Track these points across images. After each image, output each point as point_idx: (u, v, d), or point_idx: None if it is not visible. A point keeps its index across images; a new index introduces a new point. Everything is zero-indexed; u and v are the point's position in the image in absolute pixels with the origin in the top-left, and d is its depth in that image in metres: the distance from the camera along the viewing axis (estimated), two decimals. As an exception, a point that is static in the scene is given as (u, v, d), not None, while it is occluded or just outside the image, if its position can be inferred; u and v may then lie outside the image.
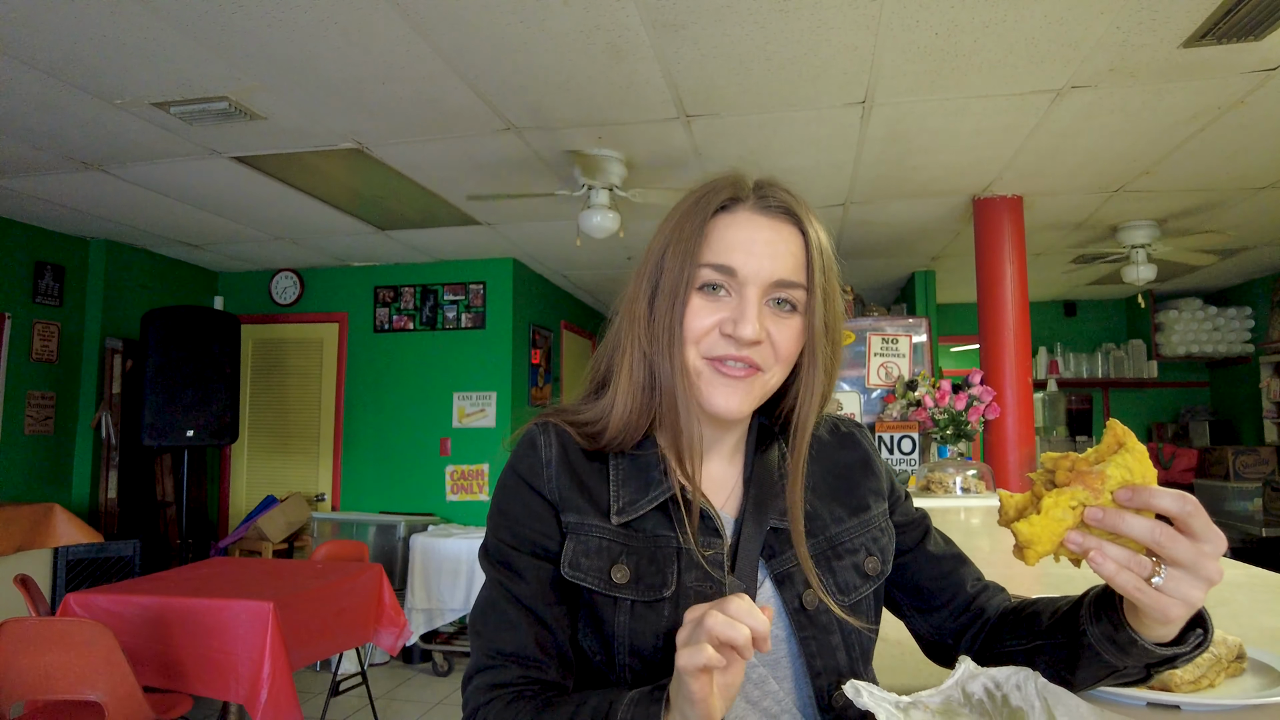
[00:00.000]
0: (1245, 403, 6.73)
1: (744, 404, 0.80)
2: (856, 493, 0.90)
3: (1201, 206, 4.43)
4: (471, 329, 5.56)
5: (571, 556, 0.78)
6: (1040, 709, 0.73)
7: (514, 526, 0.81)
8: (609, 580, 0.78)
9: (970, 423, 3.99)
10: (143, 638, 2.97)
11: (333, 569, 3.64)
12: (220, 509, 5.90)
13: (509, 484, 0.83)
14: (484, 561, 0.82)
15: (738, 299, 0.79)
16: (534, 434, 0.84)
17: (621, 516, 0.80)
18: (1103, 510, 0.64)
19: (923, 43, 2.57)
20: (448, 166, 3.73)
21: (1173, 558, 0.62)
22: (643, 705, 0.66)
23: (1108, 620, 0.72)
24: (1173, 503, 0.62)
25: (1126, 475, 0.65)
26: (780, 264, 0.79)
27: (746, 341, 0.77)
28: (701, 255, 0.80)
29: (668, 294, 0.80)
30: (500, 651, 0.77)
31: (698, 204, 0.82)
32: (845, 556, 0.85)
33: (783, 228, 0.81)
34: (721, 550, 0.81)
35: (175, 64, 2.69)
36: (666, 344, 0.80)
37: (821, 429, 0.94)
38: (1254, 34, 2.50)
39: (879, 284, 6.76)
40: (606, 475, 0.83)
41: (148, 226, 4.74)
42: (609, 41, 2.55)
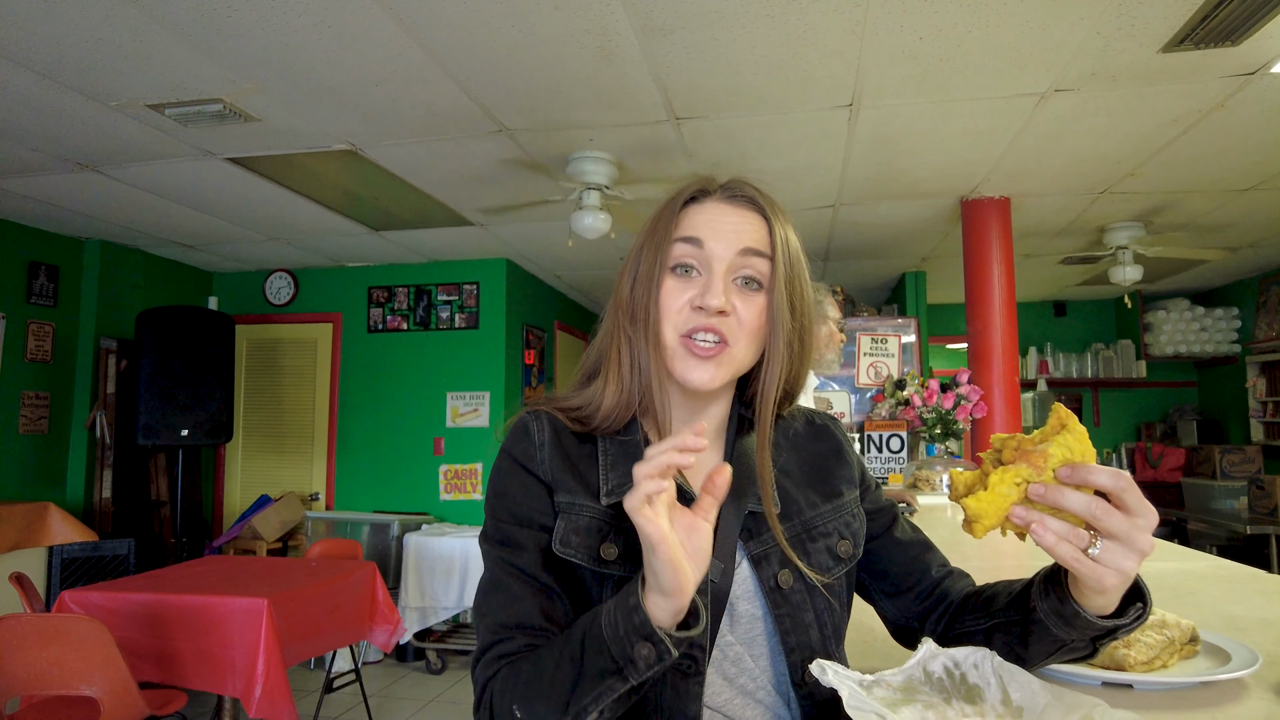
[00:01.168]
0: (1232, 402, 6.80)
1: (715, 376, 0.84)
2: (830, 480, 0.95)
3: (1186, 208, 4.48)
4: (465, 329, 5.59)
5: (563, 534, 0.82)
6: (995, 685, 0.77)
7: (511, 506, 0.85)
8: (598, 557, 0.82)
9: (958, 421, 4.04)
10: (138, 634, 3.00)
11: (327, 567, 3.67)
12: (214, 508, 5.92)
13: (504, 467, 0.87)
14: (484, 545, 0.86)
15: (706, 275, 0.85)
16: (526, 420, 0.89)
17: (610, 498, 0.84)
18: (1044, 486, 0.68)
19: (907, 47, 2.61)
20: (440, 168, 3.76)
21: (1108, 530, 0.67)
22: (622, 595, 0.71)
23: (1054, 595, 0.77)
24: (1108, 479, 0.67)
25: (1067, 454, 0.70)
26: (745, 238, 0.85)
27: (713, 310, 0.82)
28: (671, 235, 0.86)
29: (644, 279, 0.86)
30: (505, 624, 0.80)
31: (669, 202, 0.89)
32: (819, 539, 0.90)
33: (748, 214, 0.88)
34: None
35: (170, 66, 2.72)
36: (644, 324, 0.86)
37: (797, 422, 0.99)
38: (1231, 39, 2.55)
39: (869, 285, 6.81)
40: (596, 458, 0.87)
41: (142, 227, 4.76)
42: (599, 45, 2.59)
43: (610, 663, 0.68)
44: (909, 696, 0.78)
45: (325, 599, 3.37)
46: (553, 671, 0.71)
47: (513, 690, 0.73)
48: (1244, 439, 6.57)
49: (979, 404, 4.03)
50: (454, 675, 4.79)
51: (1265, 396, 6.33)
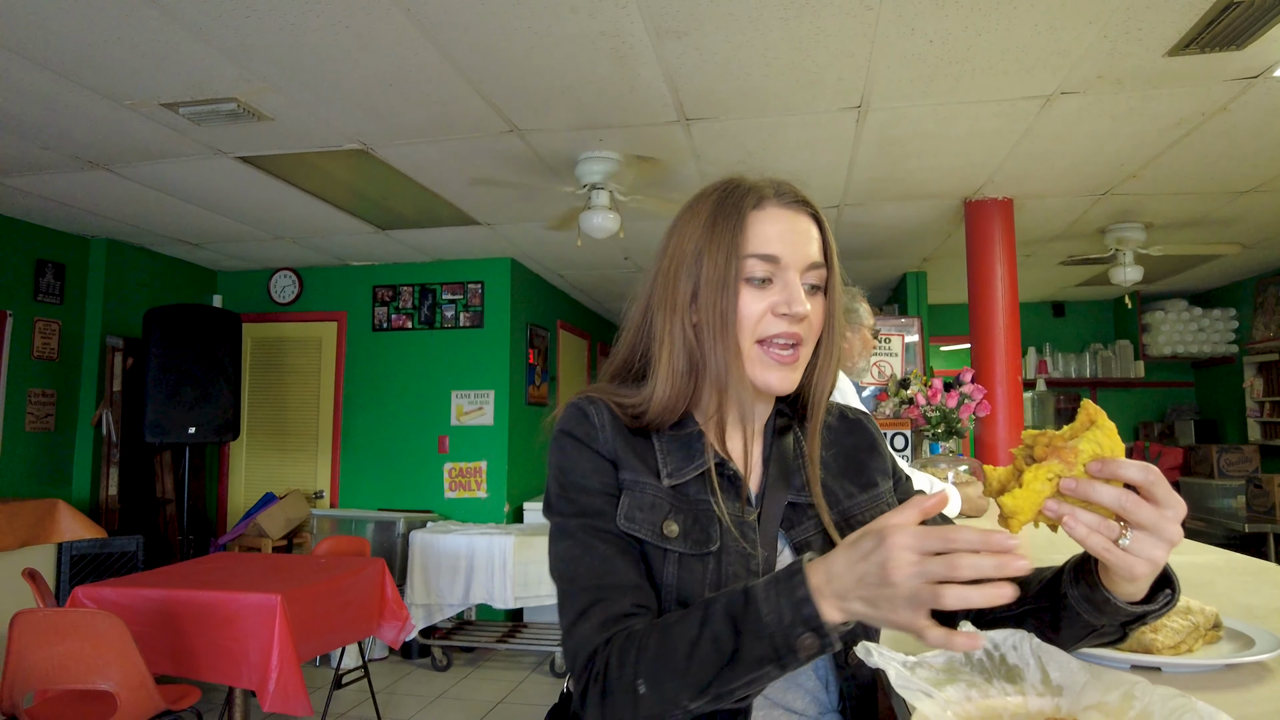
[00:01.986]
0: (1229, 402, 6.86)
1: (793, 380, 0.91)
2: (865, 471, 1.00)
3: (1186, 210, 4.53)
4: (469, 328, 5.62)
5: (627, 509, 0.87)
6: (1034, 665, 0.80)
7: (583, 479, 0.89)
8: (660, 533, 0.86)
9: (961, 420, 4.08)
10: (151, 629, 3.02)
11: (336, 563, 3.70)
12: (219, 506, 5.94)
13: (568, 447, 0.91)
14: (557, 518, 0.89)
15: (781, 284, 0.90)
16: (583, 405, 0.92)
17: (671, 480, 0.89)
18: (1076, 481, 0.71)
19: (918, 50, 2.65)
20: (450, 168, 3.79)
21: (1138, 521, 0.70)
22: (783, 584, 0.72)
23: (1085, 582, 0.80)
24: (1138, 473, 0.70)
25: (1097, 449, 0.73)
26: (811, 248, 0.92)
27: (800, 317, 0.89)
28: (744, 248, 0.90)
29: (715, 287, 0.89)
30: (604, 585, 0.82)
31: (726, 204, 0.92)
32: (857, 527, 0.93)
33: (803, 219, 0.93)
34: (753, 516, 0.91)
35: (187, 66, 2.75)
36: (719, 331, 0.89)
37: (831, 416, 1.04)
38: (1236, 44, 2.59)
39: (872, 284, 6.85)
40: (652, 446, 0.92)
41: (149, 225, 4.78)
42: (613, 47, 2.62)
43: (770, 650, 0.70)
44: (951, 676, 0.81)
45: (336, 595, 3.40)
46: (689, 651, 0.73)
47: (637, 664, 0.75)
48: (1241, 438, 6.63)
49: (982, 403, 4.07)
50: (459, 672, 4.81)
51: (1262, 396, 6.39)
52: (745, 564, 0.88)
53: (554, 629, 5.09)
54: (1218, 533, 5.70)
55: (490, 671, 4.84)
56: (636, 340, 0.98)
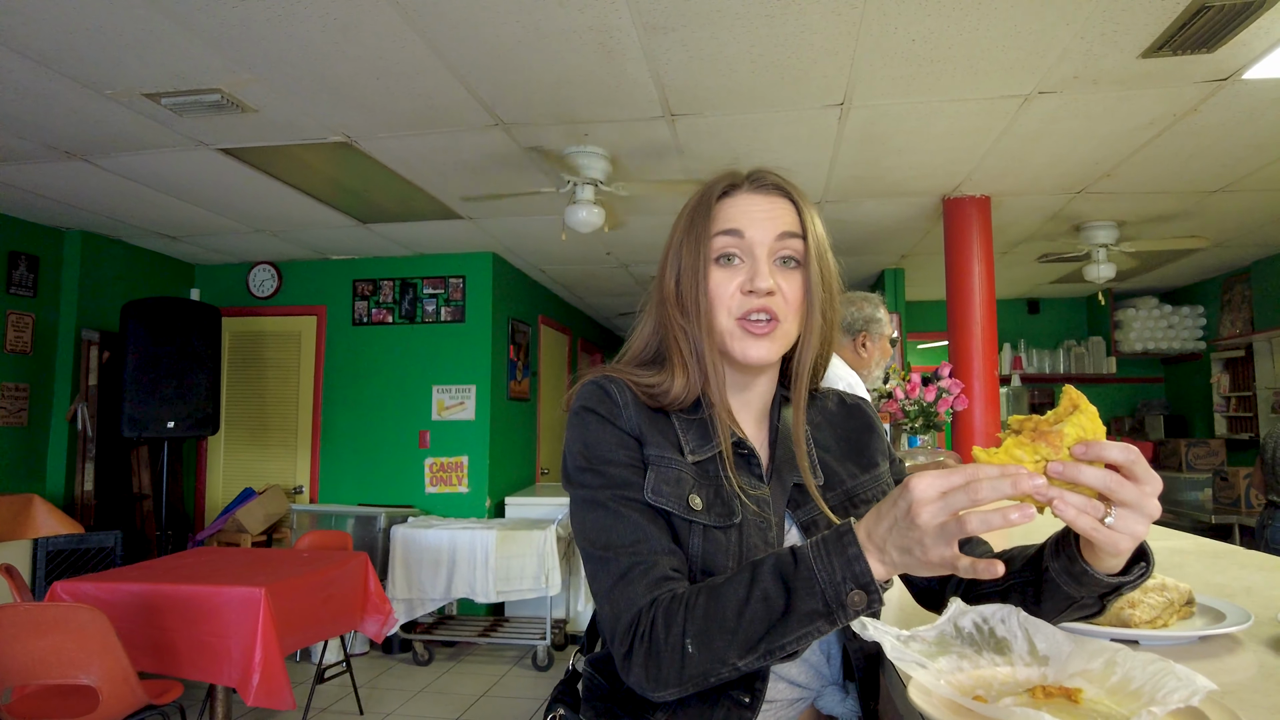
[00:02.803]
0: (1197, 397, 7.02)
1: (771, 350, 0.94)
2: (866, 452, 1.05)
3: (1158, 208, 4.63)
4: (451, 322, 5.61)
5: (654, 484, 0.90)
6: (1022, 637, 0.84)
7: (609, 452, 0.92)
8: (687, 506, 0.90)
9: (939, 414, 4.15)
10: (132, 624, 3.00)
11: (319, 557, 3.68)
12: (196, 502, 5.88)
13: (591, 422, 0.93)
14: (584, 490, 0.91)
15: (750, 261, 0.94)
16: (603, 383, 0.96)
17: (695, 455, 0.93)
18: (1063, 464, 0.74)
19: (900, 47, 2.70)
20: (434, 161, 3.78)
21: (1121, 499, 0.73)
22: (832, 542, 0.76)
23: (1065, 556, 0.84)
24: (1119, 453, 0.74)
25: (1081, 433, 0.77)
26: (780, 222, 0.95)
27: (764, 291, 0.92)
28: (712, 229, 0.95)
29: (690, 273, 0.95)
30: (641, 550, 0.85)
31: (702, 199, 0.98)
32: (860, 506, 0.99)
33: (778, 200, 0.97)
34: (766, 494, 0.95)
35: (170, 56, 2.73)
36: (697, 314, 0.94)
37: (830, 401, 1.09)
38: (1207, 46, 2.66)
39: (850, 282, 6.77)
40: (672, 424, 0.96)
41: (125, 218, 4.72)
42: (600, 41, 2.64)
43: (822, 605, 0.75)
44: (943, 649, 0.85)
45: (319, 589, 3.39)
46: (739, 610, 0.77)
47: (686, 623, 0.78)
48: (1208, 433, 6.79)
49: (960, 397, 4.13)
50: (441, 666, 4.81)
51: (1228, 392, 6.55)
52: (764, 536, 0.92)
53: (536, 622, 5.10)
54: (1185, 524, 5.83)
55: (472, 666, 4.85)
56: (649, 332, 1.02)
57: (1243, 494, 5.33)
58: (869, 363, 2.64)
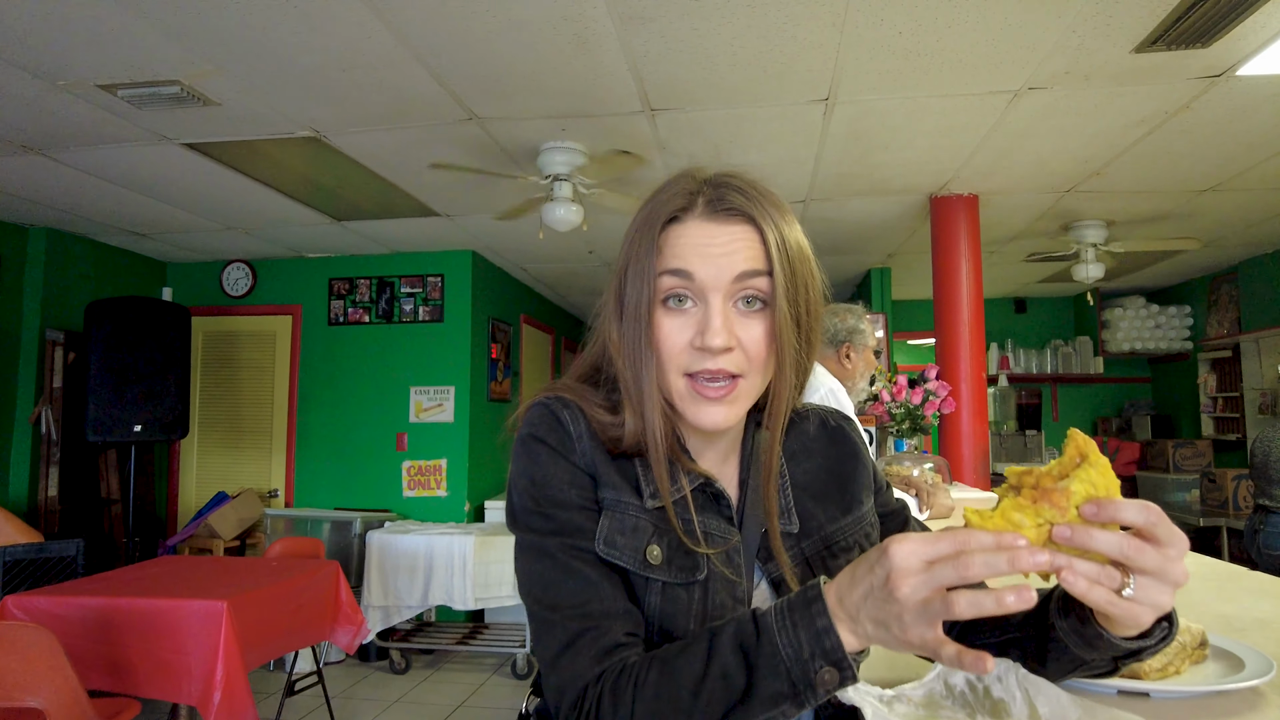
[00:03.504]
0: (1184, 398, 6.98)
1: (730, 416, 0.80)
2: (849, 489, 0.91)
3: (1147, 208, 4.57)
4: (429, 322, 5.48)
5: (607, 533, 0.78)
6: (1021, 699, 0.74)
7: (560, 493, 0.79)
8: (644, 560, 0.78)
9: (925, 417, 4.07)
10: (88, 640, 2.87)
11: (288, 566, 3.56)
12: (169, 506, 5.73)
13: (541, 454, 0.81)
14: (530, 535, 0.79)
15: (703, 307, 0.78)
16: (555, 409, 0.82)
17: (655, 501, 0.80)
18: (1071, 528, 0.64)
19: (886, 41, 2.60)
20: (408, 157, 3.66)
21: (1141, 566, 0.63)
22: (797, 612, 0.66)
23: (1075, 615, 0.73)
24: (1137, 513, 0.63)
25: (1090, 490, 0.66)
26: (738, 259, 0.78)
27: (717, 350, 0.77)
28: (658, 265, 0.79)
29: (632, 314, 0.80)
30: (591, 612, 0.74)
31: (649, 216, 0.82)
32: (840, 555, 0.86)
33: (737, 229, 0.79)
34: (737, 540, 0.83)
35: (124, 45, 2.59)
36: (642, 366, 0.80)
37: (810, 423, 0.95)
38: (1202, 41, 2.58)
39: (836, 281, 6.84)
40: (632, 461, 0.83)
41: (92, 215, 4.57)
42: (575, 32, 2.52)
43: (787, 686, 0.64)
44: (932, 712, 0.75)
45: (287, 600, 3.27)
46: (695, 688, 0.66)
47: (635, 702, 0.68)
48: (1195, 434, 6.76)
49: (947, 399, 4.05)
50: (418, 675, 4.70)
51: (1215, 392, 6.51)
52: (732, 592, 0.81)
53: (516, 629, 4.99)
54: (1173, 527, 5.79)
55: (450, 674, 4.73)
56: (599, 352, 0.89)
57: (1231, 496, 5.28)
58: (853, 374, 2.55)
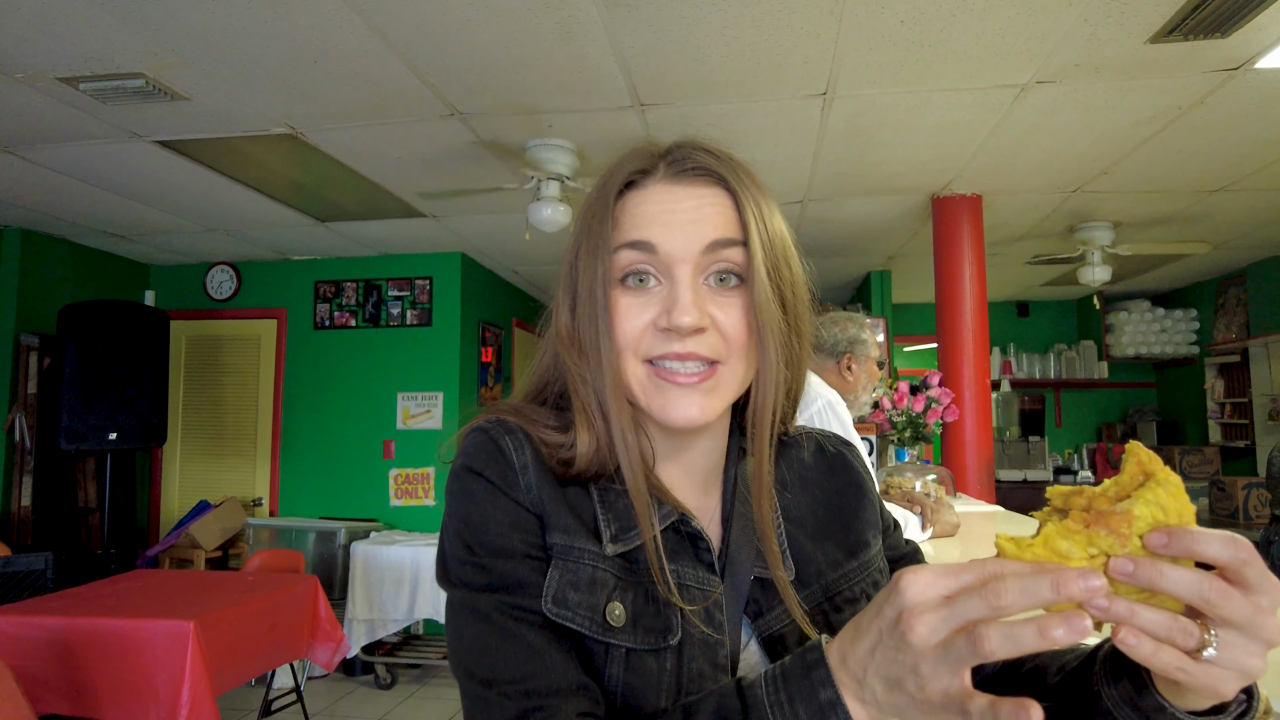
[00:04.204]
0: (1190, 403, 6.84)
1: (706, 409, 0.66)
2: (853, 527, 0.77)
3: (1155, 209, 4.43)
4: (417, 326, 5.34)
5: (558, 588, 0.63)
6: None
7: (499, 538, 0.65)
8: (603, 621, 0.63)
9: (928, 425, 3.93)
10: (48, 662, 2.73)
11: (264, 581, 3.43)
12: (151, 515, 5.58)
13: (477, 490, 0.67)
14: (460, 591, 0.65)
15: (668, 284, 0.66)
16: (495, 435, 0.68)
17: (617, 545, 0.66)
18: (1134, 561, 0.49)
19: (887, 30, 2.46)
20: (389, 154, 3.52)
21: (1226, 618, 0.48)
22: (797, 688, 0.53)
23: (1128, 680, 0.59)
24: (1222, 548, 0.48)
25: (1159, 514, 0.51)
26: (708, 226, 0.66)
27: (686, 330, 0.64)
28: (615, 239, 0.67)
29: (587, 300, 0.67)
30: (536, 689, 0.60)
31: (604, 185, 0.70)
32: (845, 608, 0.71)
33: (706, 191, 0.68)
34: (719, 590, 0.69)
35: (82, 35, 2.46)
36: (598, 358, 0.67)
37: (805, 450, 0.80)
38: (1221, 30, 2.45)
39: (834, 283, 6.71)
40: (589, 495, 0.69)
41: (67, 215, 4.43)
42: (558, 21, 2.39)
43: None
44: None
45: (262, 617, 3.13)
46: None
47: None
48: (1202, 440, 6.61)
49: (950, 407, 3.91)
50: (404, 690, 4.55)
51: (1223, 398, 6.37)
52: (712, 658, 0.66)
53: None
54: (1181, 536, 5.65)
55: (437, 689, 4.58)
56: (548, 364, 0.75)
57: (1241, 505, 5.13)
58: (855, 387, 2.41)
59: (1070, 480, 6.35)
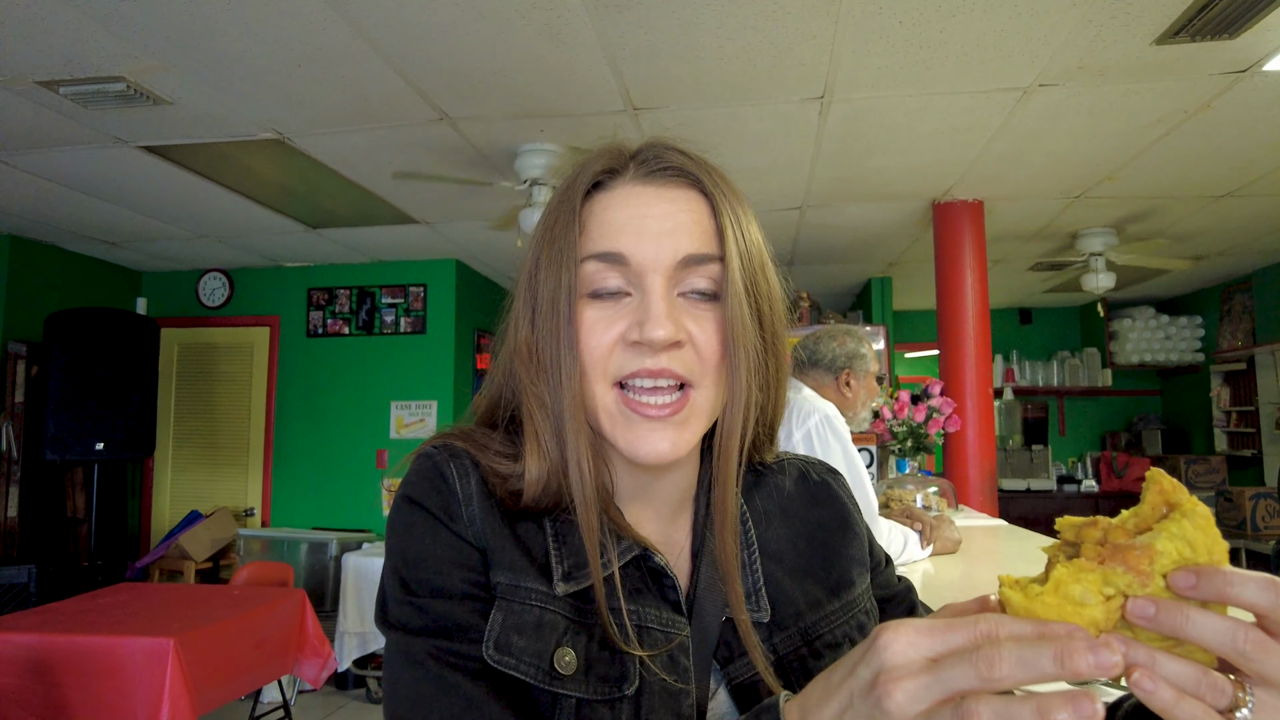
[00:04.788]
0: (1196, 412, 6.75)
1: (678, 443, 0.60)
2: (837, 564, 0.70)
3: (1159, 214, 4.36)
4: (411, 334, 5.28)
5: (500, 633, 0.57)
6: None
7: (436, 575, 0.59)
8: (550, 669, 0.57)
9: (929, 435, 3.85)
10: (24, 680, 2.65)
11: (250, 596, 3.35)
12: (142, 525, 5.51)
13: (416, 523, 0.60)
14: (395, 634, 0.59)
15: (639, 295, 0.60)
16: (439, 462, 0.62)
17: (569, 584, 0.60)
18: (1155, 604, 0.42)
19: (886, 31, 2.39)
20: (378, 160, 3.46)
21: (1264, 675, 0.40)
22: None
23: None
24: (1259, 593, 0.40)
25: (1185, 551, 0.44)
26: (684, 237, 0.61)
27: (660, 344, 0.58)
28: (580, 250, 0.61)
29: (548, 311, 0.61)
30: None
31: (568, 188, 0.64)
32: (825, 653, 0.64)
33: (679, 195, 0.63)
34: (686, 633, 0.62)
35: (60, 37, 2.40)
36: (559, 376, 0.60)
37: (786, 477, 0.73)
38: (1228, 32, 2.38)
39: (834, 290, 6.63)
40: (541, 529, 0.62)
41: (56, 221, 4.37)
42: (546, 22, 2.32)
43: None
44: None
45: (247, 633, 3.06)
46: None
47: None
48: (1207, 449, 6.52)
49: (952, 417, 3.84)
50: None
51: (1229, 406, 6.28)
52: (675, 707, 0.59)
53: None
54: (1187, 546, 5.56)
55: (430, 704, 4.49)
56: (499, 382, 0.68)
57: (1249, 516, 5.04)
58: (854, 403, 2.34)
59: (1074, 488, 6.27)
